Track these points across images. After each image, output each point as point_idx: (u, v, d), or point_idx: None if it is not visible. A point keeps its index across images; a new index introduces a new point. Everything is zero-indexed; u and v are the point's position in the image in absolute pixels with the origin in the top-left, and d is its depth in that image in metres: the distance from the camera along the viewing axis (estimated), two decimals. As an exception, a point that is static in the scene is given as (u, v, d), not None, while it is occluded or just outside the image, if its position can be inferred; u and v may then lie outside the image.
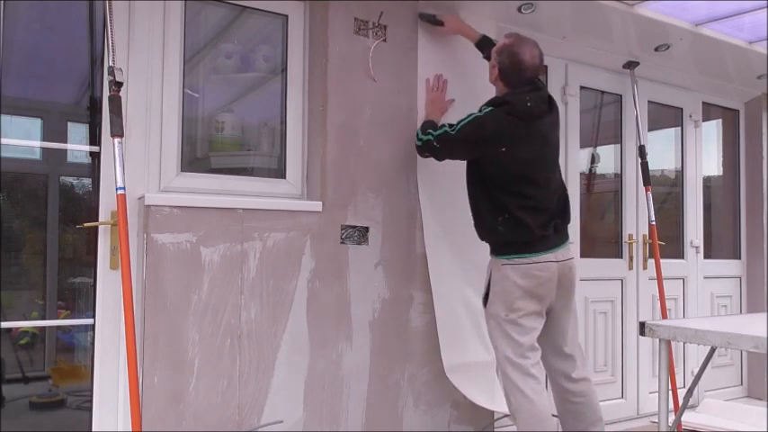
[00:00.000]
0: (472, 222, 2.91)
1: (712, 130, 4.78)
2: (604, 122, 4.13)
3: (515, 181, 2.55)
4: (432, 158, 2.82)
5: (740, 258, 4.77)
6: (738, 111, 4.83)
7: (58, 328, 2.58)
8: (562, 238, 2.64)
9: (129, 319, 2.13)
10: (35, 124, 2.56)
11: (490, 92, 3.28)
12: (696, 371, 2.69)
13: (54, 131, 2.58)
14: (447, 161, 2.80)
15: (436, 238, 2.97)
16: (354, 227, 2.80)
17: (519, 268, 2.52)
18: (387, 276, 2.86)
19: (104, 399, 2.45)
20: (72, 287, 2.59)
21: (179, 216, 2.41)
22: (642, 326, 2.20)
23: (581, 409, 2.66)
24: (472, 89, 3.16)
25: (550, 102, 2.67)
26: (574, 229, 3.61)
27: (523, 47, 2.57)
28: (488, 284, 2.63)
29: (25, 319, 2.50)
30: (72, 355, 2.64)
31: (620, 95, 4.08)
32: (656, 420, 2.26)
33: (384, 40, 2.91)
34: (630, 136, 4.08)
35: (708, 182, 4.67)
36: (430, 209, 2.98)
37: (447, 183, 3.05)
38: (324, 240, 2.72)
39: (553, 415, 2.60)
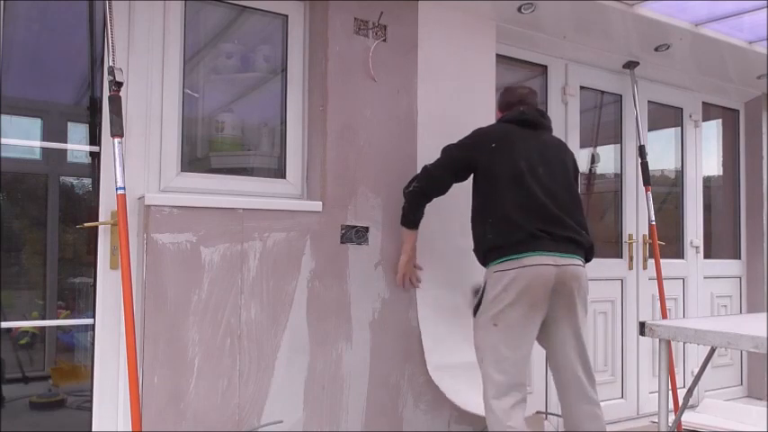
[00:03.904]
0: (468, 226, 2.92)
1: (712, 130, 4.78)
2: (604, 122, 4.13)
3: (510, 178, 2.48)
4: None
5: (740, 258, 4.78)
6: (738, 111, 4.83)
7: (58, 328, 2.58)
8: (567, 249, 2.45)
9: (129, 319, 2.13)
10: (35, 124, 2.56)
11: (490, 92, 3.29)
12: (696, 371, 2.69)
13: (54, 131, 2.57)
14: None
15: (429, 238, 2.97)
16: (354, 227, 2.80)
17: (509, 273, 2.39)
18: (387, 276, 2.86)
19: (104, 399, 2.45)
20: (72, 287, 2.59)
21: (179, 216, 2.41)
22: (642, 326, 2.20)
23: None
24: (472, 89, 3.17)
25: (545, 117, 2.73)
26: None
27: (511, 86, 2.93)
28: (481, 294, 2.53)
29: (25, 319, 2.50)
30: (72, 355, 2.64)
31: (620, 95, 4.08)
32: (656, 420, 2.26)
33: (384, 40, 2.90)
34: (630, 136, 4.08)
35: (708, 182, 4.67)
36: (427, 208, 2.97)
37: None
38: (324, 240, 2.72)
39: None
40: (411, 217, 2.73)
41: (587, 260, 2.60)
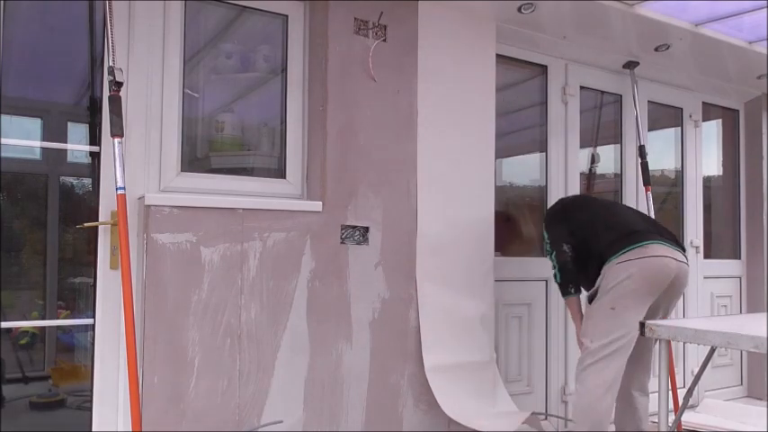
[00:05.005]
0: (472, 228, 3.02)
1: (712, 130, 4.78)
2: (604, 122, 4.12)
3: (600, 208, 2.86)
4: (439, 161, 3.02)
5: (740, 258, 4.77)
6: (738, 111, 4.83)
7: (58, 328, 2.58)
8: (677, 245, 2.63)
9: (129, 319, 2.13)
10: (35, 124, 2.56)
11: (490, 92, 3.30)
12: (696, 371, 2.69)
13: (54, 131, 2.58)
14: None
15: (429, 237, 2.97)
16: (354, 227, 2.80)
17: (635, 263, 2.50)
18: (387, 276, 2.86)
19: (104, 399, 2.45)
20: (72, 287, 2.59)
21: (179, 216, 2.41)
22: (642, 326, 2.20)
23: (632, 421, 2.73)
24: (472, 89, 3.17)
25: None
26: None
27: None
28: (598, 285, 2.63)
29: (25, 319, 2.50)
30: (72, 355, 2.64)
31: (620, 95, 4.08)
32: (656, 420, 2.26)
33: (384, 40, 2.91)
34: (630, 136, 4.08)
35: (708, 182, 4.67)
36: (427, 209, 2.97)
37: (447, 183, 3.05)
38: (324, 240, 2.72)
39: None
40: (577, 284, 2.76)
41: None
